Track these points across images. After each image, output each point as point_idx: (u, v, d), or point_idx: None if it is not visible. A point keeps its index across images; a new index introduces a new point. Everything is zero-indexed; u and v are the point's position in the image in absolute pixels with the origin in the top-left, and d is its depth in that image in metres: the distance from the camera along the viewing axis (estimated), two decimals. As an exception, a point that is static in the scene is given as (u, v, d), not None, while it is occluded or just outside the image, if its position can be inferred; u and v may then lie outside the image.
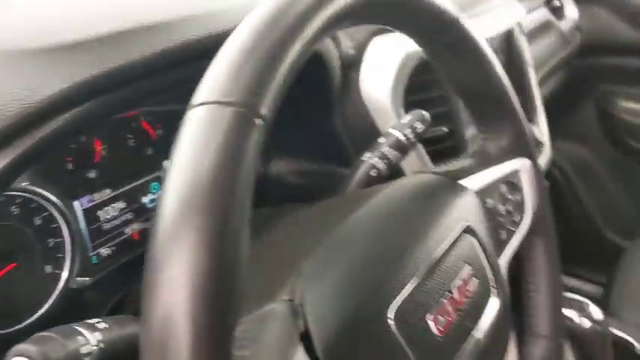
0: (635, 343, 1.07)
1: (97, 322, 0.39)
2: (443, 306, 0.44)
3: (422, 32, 0.49)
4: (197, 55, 0.50)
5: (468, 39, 0.51)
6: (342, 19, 0.38)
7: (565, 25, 1.56)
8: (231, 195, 0.28)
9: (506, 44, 1.00)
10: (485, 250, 0.51)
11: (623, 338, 1.10)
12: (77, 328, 0.38)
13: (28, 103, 0.42)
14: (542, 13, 1.41)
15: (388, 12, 0.44)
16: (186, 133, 0.30)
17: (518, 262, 0.64)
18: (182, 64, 0.50)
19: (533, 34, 1.34)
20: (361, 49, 0.71)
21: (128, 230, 0.62)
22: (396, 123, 0.65)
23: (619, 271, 1.39)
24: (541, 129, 1.05)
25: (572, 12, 1.63)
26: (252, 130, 0.30)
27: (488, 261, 0.51)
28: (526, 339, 0.63)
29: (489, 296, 0.50)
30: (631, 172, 1.75)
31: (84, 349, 0.35)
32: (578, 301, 0.89)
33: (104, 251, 0.60)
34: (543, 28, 1.40)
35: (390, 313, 0.40)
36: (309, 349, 0.36)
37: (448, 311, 0.44)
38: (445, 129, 0.78)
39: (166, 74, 0.50)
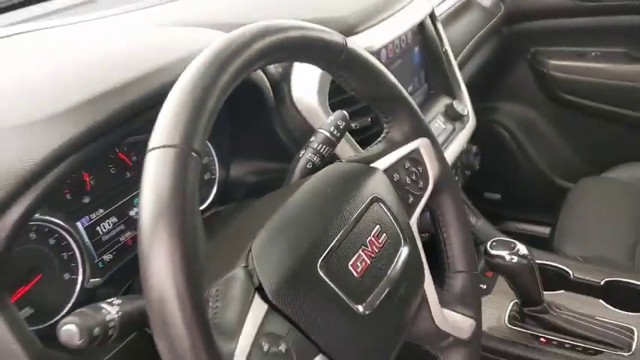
0: (570, 271, 1.25)
1: (114, 300, 0.55)
2: (359, 256, 0.61)
3: (318, 61, 0.65)
4: (149, 105, 0.66)
5: (356, 58, 0.67)
6: (250, 67, 0.54)
7: (487, 0, 1.73)
8: (183, 209, 0.44)
9: (421, 36, 1.17)
10: (392, 213, 0.67)
11: (560, 268, 1.28)
12: (100, 304, 0.54)
13: (30, 163, 0.58)
14: (461, -5, 1.58)
15: (285, 53, 0.59)
16: (148, 169, 0.46)
17: (433, 217, 0.81)
18: (137, 115, 0.66)
19: (455, 15, 1.51)
20: (288, 65, 0.87)
21: (122, 238, 0.78)
22: (323, 123, 0.81)
23: (562, 210, 1.56)
24: (464, 103, 1.21)
25: (494, -14, 1.79)
26: (191, 162, 0.46)
27: (395, 220, 0.67)
28: (447, 275, 0.80)
29: (400, 246, 0.67)
30: (568, 121, 1.93)
31: (108, 317, 0.51)
32: (508, 241, 1.06)
33: (107, 257, 0.76)
34: (464, 7, 1.56)
35: (319, 266, 0.57)
36: (264, 297, 0.53)
37: (364, 259, 0.61)
38: (369, 119, 0.94)
39: (128, 124, 0.66)
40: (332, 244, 0.59)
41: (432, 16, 1.19)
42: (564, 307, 1.12)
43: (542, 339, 1.07)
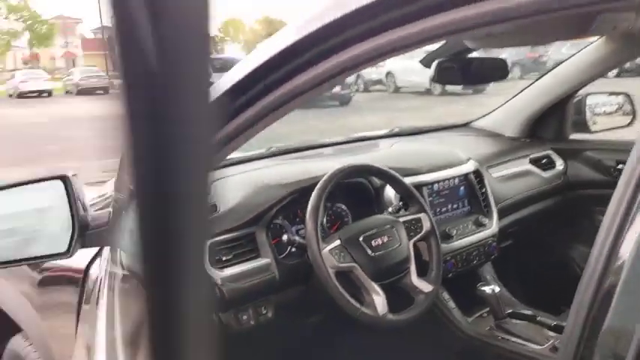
0: (537, 317, 2.19)
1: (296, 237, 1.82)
2: (376, 240, 1.80)
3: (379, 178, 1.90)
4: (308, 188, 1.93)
5: (398, 180, 1.90)
6: (347, 177, 1.82)
7: (551, 172, 2.78)
8: (318, 205, 1.72)
9: (466, 181, 2.32)
10: (398, 234, 1.84)
11: (532, 315, 2.22)
12: (294, 235, 1.81)
13: (271, 201, 1.89)
14: (524, 167, 2.67)
15: (362, 174, 1.87)
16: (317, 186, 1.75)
17: (427, 246, 1.95)
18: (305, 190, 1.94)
19: (514, 176, 2.61)
20: (384, 182, 2.10)
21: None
22: (393, 205, 2.01)
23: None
24: (491, 219, 2.30)
25: (560, 164, 2.85)
26: (328, 187, 1.74)
27: (398, 236, 1.84)
28: (428, 270, 1.92)
29: (395, 243, 1.83)
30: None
31: (295, 238, 1.79)
32: (488, 284, 2.10)
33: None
34: (523, 173, 2.65)
35: (361, 238, 1.78)
36: (340, 240, 1.77)
37: (378, 242, 1.80)
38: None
39: (302, 194, 1.94)
40: (368, 232, 1.79)
41: (476, 172, 2.34)
42: (520, 324, 2.08)
43: (499, 336, 2.06)
